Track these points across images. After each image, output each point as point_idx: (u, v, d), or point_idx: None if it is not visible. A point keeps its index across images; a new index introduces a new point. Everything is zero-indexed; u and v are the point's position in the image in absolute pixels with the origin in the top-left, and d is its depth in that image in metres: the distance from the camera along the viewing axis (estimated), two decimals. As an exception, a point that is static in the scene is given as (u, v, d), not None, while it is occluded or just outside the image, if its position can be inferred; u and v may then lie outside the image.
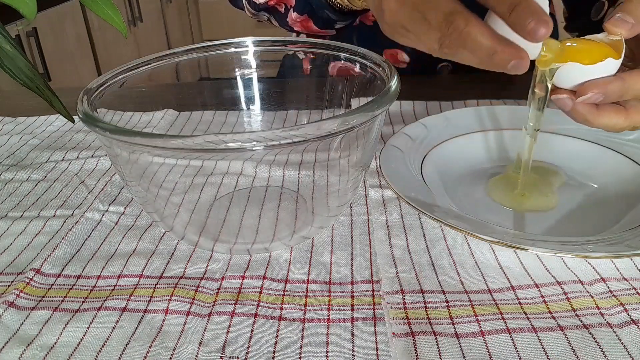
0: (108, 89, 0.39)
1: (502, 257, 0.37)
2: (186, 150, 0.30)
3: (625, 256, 0.33)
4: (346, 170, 0.39)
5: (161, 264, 0.38)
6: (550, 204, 0.42)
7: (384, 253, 0.37)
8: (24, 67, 0.37)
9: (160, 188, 0.37)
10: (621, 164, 0.45)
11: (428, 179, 0.43)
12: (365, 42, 0.73)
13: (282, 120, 0.56)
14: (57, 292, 0.35)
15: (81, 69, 1.90)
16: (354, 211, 0.43)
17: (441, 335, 0.31)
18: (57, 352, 0.31)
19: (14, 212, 0.45)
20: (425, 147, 0.48)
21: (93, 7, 0.39)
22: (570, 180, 0.46)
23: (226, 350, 0.31)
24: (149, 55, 0.43)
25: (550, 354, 0.29)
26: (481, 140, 0.50)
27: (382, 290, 0.34)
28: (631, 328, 0.30)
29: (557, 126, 0.49)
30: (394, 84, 0.35)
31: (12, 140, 0.58)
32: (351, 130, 0.32)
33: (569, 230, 0.40)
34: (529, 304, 0.33)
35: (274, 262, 0.37)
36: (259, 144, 0.30)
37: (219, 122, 0.57)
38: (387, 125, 0.56)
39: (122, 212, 0.44)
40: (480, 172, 0.47)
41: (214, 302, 0.34)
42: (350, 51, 0.42)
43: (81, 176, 0.50)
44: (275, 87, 0.52)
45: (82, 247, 0.40)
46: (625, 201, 0.42)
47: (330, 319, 0.32)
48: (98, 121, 0.32)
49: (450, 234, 0.39)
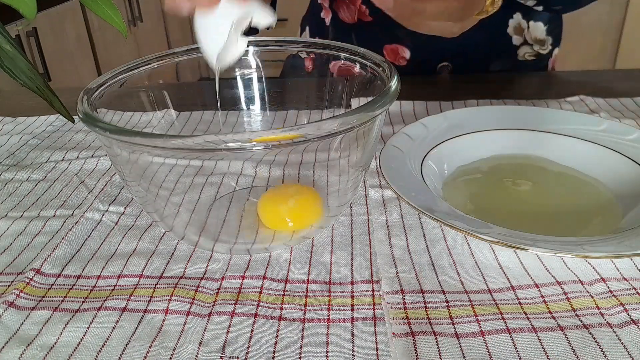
0: (108, 89, 0.39)
1: (502, 257, 0.37)
2: (186, 150, 0.30)
3: (625, 256, 0.33)
4: (346, 170, 0.39)
5: (161, 264, 0.38)
6: None
7: (384, 253, 0.37)
8: (24, 67, 0.37)
9: (160, 188, 0.37)
10: (621, 164, 0.45)
11: (428, 179, 0.43)
12: (365, 39, 0.73)
13: (282, 120, 0.56)
14: (57, 292, 0.35)
15: (81, 69, 1.90)
16: (354, 211, 0.43)
17: (441, 335, 0.31)
18: (57, 352, 0.31)
19: (14, 212, 0.45)
20: (425, 147, 0.47)
21: (93, 7, 0.39)
22: (571, 180, 0.46)
23: (226, 350, 0.31)
24: (149, 55, 0.43)
25: (550, 354, 0.29)
26: (481, 140, 0.50)
27: (382, 290, 0.34)
28: (631, 328, 0.30)
29: (557, 126, 0.49)
30: (394, 84, 0.35)
31: (12, 140, 0.58)
32: (351, 130, 0.32)
33: (569, 230, 0.40)
34: (529, 304, 0.33)
35: (274, 262, 0.37)
36: (259, 144, 0.30)
37: (219, 122, 0.57)
38: (387, 125, 0.56)
39: (122, 212, 0.44)
40: (480, 172, 0.47)
41: (214, 302, 0.34)
42: (350, 51, 0.42)
43: (81, 176, 0.50)
44: (275, 87, 0.52)
45: (82, 247, 0.40)
46: (625, 201, 0.42)
47: (330, 319, 0.32)
48: (98, 121, 0.32)
49: (450, 234, 0.39)
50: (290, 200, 0.41)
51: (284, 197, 0.42)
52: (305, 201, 0.42)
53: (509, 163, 0.48)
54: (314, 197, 0.42)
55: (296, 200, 0.41)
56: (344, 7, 0.73)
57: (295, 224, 0.40)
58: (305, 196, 0.42)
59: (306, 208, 0.41)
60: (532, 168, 0.43)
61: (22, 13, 0.33)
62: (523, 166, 0.47)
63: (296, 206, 0.41)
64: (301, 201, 0.42)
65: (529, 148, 0.49)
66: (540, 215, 0.42)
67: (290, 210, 0.40)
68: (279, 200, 0.41)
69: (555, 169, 0.47)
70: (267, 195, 0.43)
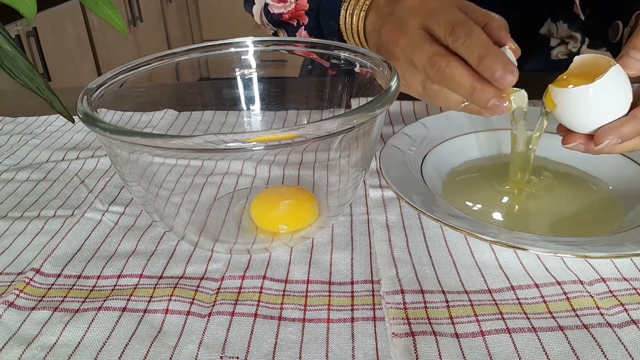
0: (108, 89, 0.39)
1: (502, 257, 0.37)
2: (186, 150, 0.30)
3: (625, 256, 0.33)
4: (346, 170, 0.39)
5: (161, 264, 0.38)
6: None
7: (384, 253, 0.37)
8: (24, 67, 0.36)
9: (160, 188, 0.37)
10: (621, 164, 0.45)
11: (428, 179, 0.43)
12: None
13: (282, 120, 0.56)
14: (57, 292, 0.35)
15: (81, 69, 1.90)
16: (354, 211, 0.43)
17: (441, 335, 0.31)
18: (57, 352, 0.31)
19: (14, 212, 0.45)
20: (425, 147, 0.47)
21: (93, 7, 0.39)
22: (571, 180, 0.46)
23: (226, 350, 0.31)
24: (149, 55, 0.43)
25: (550, 354, 0.29)
26: (481, 140, 0.50)
27: (382, 290, 0.34)
28: (631, 328, 0.30)
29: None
30: (394, 84, 0.35)
31: (12, 140, 0.58)
32: (351, 130, 0.32)
33: (569, 230, 0.40)
34: (529, 304, 0.33)
35: (274, 262, 0.37)
36: (259, 144, 0.30)
37: (219, 122, 0.57)
38: (387, 125, 0.56)
39: (122, 212, 0.44)
40: (480, 172, 0.47)
41: (214, 302, 0.34)
42: (350, 51, 0.42)
43: (81, 176, 0.50)
44: (275, 87, 0.52)
45: (82, 247, 0.40)
46: (625, 201, 0.42)
47: (330, 319, 0.32)
48: (98, 121, 0.32)
49: (450, 234, 0.39)
50: (282, 204, 0.41)
51: (275, 201, 0.42)
52: (297, 204, 0.42)
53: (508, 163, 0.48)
54: (306, 199, 0.42)
55: (289, 203, 0.42)
56: None
57: (289, 226, 0.40)
58: (298, 198, 0.43)
59: (299, 210, 0.41)
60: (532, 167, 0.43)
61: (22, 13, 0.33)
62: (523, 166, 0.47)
63: (289, 209, 0.41)
64: (293, 204, 0.42)
65: (528, 148, 0.49)
66: (541, 215, 0.42)
67: (282, 214, 0.41)
68: (271, 204, 0.41)
69: (556, 169, 0.47)
70: (259, 198, 0.43)
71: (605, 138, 0.36)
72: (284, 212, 0.41)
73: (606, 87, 0.36)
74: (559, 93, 0.38)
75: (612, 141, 0.36)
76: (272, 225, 0.40)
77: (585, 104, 0.37)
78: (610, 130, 0.36)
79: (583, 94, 0.36)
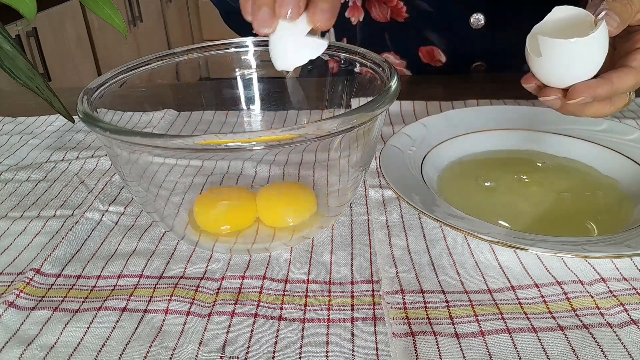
0: (108, 89, 0.39)
1: (502, 257, 0.37)
2: (186, 150, 0.30)
3: (625, 256, 0.33)
4: (346, 170, 0.39)
5: (161, 264, 0.38)
6: None
7: (384, 253, 0.37)
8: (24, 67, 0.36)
9: (160, 188, 0.37)
10: (621, 164, 0.45)
11: (428, 179, 0.43)
12: (398, 40, 0.72)
13: (282, 120, 0.56)
14: (57, 292, 0.35)
15: (81, 69, 1.90)
16: (354, 211, 0.43)
17: (441, 335, 0.31)
18: (57, 352, 0.31)
19: (14, 212, 0.45)
20: (425, 147, 0.47)
21: (93, 7, 0.39)
22: (571, 179, 0.46)
23: (226, 350, 0.31)
24: (149, 55, 0.43)
25: (550, 354, 0.29)
26: (481, 140, 0.50)
27: (382, 290, 0.34)
28: (631, 328, 0.30)
29: (557, 126, 0.49)
30: (394, 84, 0.35)
31: (12, 140, 0.58)
32: (351, 130, 0.32)
33: (569, 231, 0.40)
34: (529, 304, 0.33)
35: (274, 262, 0.37)
36: (259, 144, 0.30)
37: (219, 122, 0.57)
38: (387, 125, 0.56)
39: (122, 212, 0.44)
40: (480, 172, 0.47)
41: (214, 302, 0.34)
42: (350, 51, 0.42)
43: (81, 176, 0.50)
44: (275, 87, 0.52)
45: (82, 247, 0.40)
46: (625, 201, 0.42)
47: (330, 319, 0.32)
48: (98, 121, 0.32)
49: (450, 234, 0.39)
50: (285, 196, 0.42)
51: (279, 194, 0.42)
52: (298, 195, 0.42)
53: (508, 163, 0.48)
54: (304, 192, 0.43)
55: (293, 195, 0.42)
56: (376, 4, 0.72)
57: (292, 219, 0.40)
58: (299, 191, 0.43)
59: (300, 202, 0.41)
60: (533, 167, 0.43)
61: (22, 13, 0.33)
62: (523, 166, 0.47)
63: (293, 200, 0.41)
64: (295, 196, 0.42)
65: (528, 148, 0.49)
66: (541, 214, 0.42)
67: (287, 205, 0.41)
68: (276, 196, 0.42)
69: (556, 168, 0.47)
70: (264, 192, 0.43)
71: (580, 94, 0.36)
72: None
73: (597, 42, 0.35)
74: (547, 42, 0.36)
75: (586, 99, 0.36)
76: (277, 219, 0.40)
77: (572, 56, 0.35)
78: (587, 88, 0.36)
79: (575, 46, 0.35)
